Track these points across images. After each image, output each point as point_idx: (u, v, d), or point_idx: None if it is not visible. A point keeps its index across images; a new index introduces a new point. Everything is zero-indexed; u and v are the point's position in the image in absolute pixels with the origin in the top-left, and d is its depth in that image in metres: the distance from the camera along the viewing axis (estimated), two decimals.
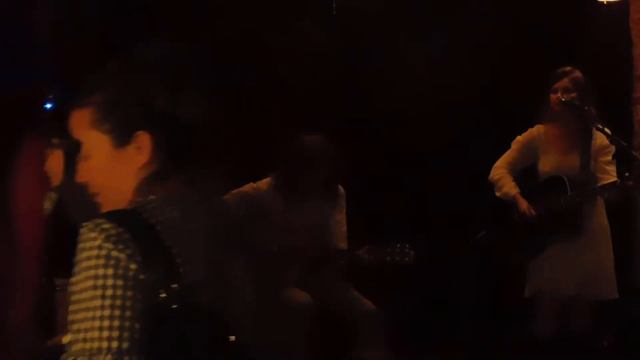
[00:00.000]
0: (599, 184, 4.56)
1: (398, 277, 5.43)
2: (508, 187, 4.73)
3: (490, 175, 4.83)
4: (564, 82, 4.62)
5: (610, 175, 4.57)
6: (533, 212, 4.63)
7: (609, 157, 4.58)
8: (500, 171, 4.80)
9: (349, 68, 6.03)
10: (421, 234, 5.09)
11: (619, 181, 4.45)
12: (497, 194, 4.77)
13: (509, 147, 4.90)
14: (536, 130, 4.81)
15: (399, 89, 5.84)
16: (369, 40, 6.01)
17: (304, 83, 5.90)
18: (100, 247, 1.70)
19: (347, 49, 6.01)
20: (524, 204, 4.66)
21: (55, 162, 1.82)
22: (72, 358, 1.68)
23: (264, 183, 4.85)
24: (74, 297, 1.70)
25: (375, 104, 5.98)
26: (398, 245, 4.63)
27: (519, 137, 4.86)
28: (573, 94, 4.60)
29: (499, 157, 4.90)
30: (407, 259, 4.61)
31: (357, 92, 6.02)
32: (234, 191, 4.79)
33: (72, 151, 1.80)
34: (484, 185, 4.88)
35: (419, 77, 5.80)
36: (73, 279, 1.70)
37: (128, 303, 1.68)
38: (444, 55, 5.86)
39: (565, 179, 4.60)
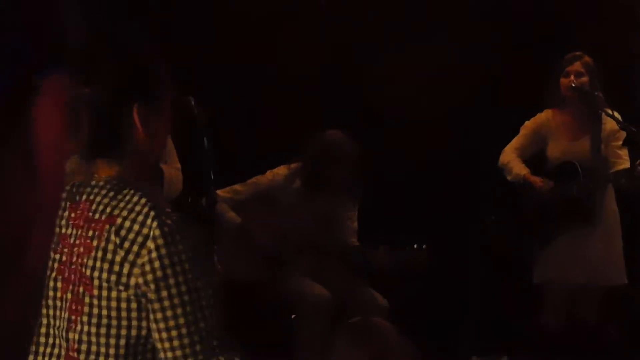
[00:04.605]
0: (612, 169, 4.56)
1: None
2: (518, 168, 4.70)
3: (500, 160, 4.81)
4: (576, 66, 4.62)
5: (623, 159, 4.57)
6: (551, 184, 4.58)
7: (620, 142, 4.58)
8: (509, 156, 4.77)
9: (350, 68, 6.00)
10: (427, 225, 5.07)
11: (634, 168, 4.44)
12: (508, 177, 4.75)
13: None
14: (545, 115, 4.79)
15: (400, 87, 5.81)
16: (369, 40, 5.99)
17: (306, 83, 5.87)
18: None
19: (348, 49, 5.98)
20: (537, 180, 4.62)
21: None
22: None
23: (281, 174, 4.81)
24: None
25: (375, 102, 5.95)
26: (415, 246, 4.59)
27: (527, 122, 4.84)
28: (584, 78, 4.59)
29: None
30: (422, 261, 4.57)
31: (357, 91, 5.99)
32: (249, 181, 4.81)
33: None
34: (493, 174, 4.86)
35: (421, 76, 5.77)
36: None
37: None
38: (445, 52, 5.83)
39: (577, 165, 4.57)
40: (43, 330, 1.75)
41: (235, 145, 5.52)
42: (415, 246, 4.55)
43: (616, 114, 4.52)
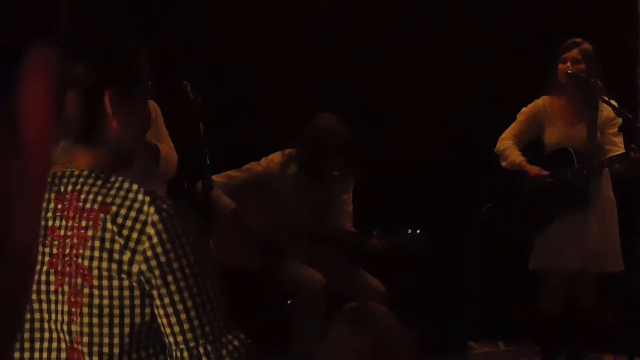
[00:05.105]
0: (607, 156, 4.55)
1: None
2: (514, 155, 4.71)
3: (497, 146, 4.82)
4: (573, 52, 4.62)
5: (618, 147, 4.57)
6: (545, 173, 4.59)
7: (616, 129, 4.60)
8: (506, 142, 4.79)
9: (350, 68, 6.00)
10: (425, 213, 5.07)
11: (627, 153, 4.45)
12: (503, 163, 4.76)
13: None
14: (542, 101, 4.81)
15: (400, 86, 5.81)
16: (369, 40, 5.99)
17: (307, 80, 5.88)
18: None
19: (348, 49, 5.99)
20: (532, 169, 4.63)
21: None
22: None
23: (275, 161, 4.82)
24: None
25: (376, 99, 5.95)
26: (409, 231, 4.59)
27: (524, 109, 4.85)
28: (582, 66, 4.60)
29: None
30: (417, 245, 4.58)
31: (357, 91, 5.99)
32: (244, 167, 4.81)
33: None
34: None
35: (421, 76, 5.77)
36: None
37: None
38: (445, 52, 5.84)
39: (572, 151, 4.59)
40: (37, 325, 1.71)
41: (235, 145, 5.52)
42: (410, 231, 4.56)
43: (612, 102, 4.52)
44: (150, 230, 1.65)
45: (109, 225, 1.66)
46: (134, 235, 1.65)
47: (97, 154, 1.74)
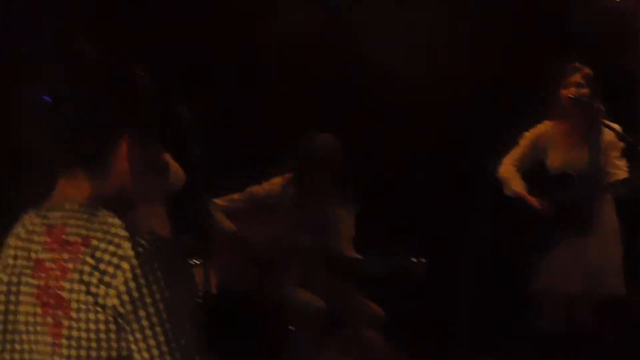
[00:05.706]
0: (611, 180, 4.57)
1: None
2: (515, 184, 4.74)
3: (498, 172, 4.84)
4: (576, 77, 4.64)
5: (621, 170, 4.59)
6: (545, 204, 4.61)
7: (619, 153, 4.60)
8: (508, 168, 4.81)
9: (349, 68, 6.00)
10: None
11: (630, 177, 4.47)
12: (505, 191, 4.77)
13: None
14: (544, 127, 4.83)
15: (401, 84, 5.81)
16: (369, 40, 5.98)
17: (304, 81, 5.87)
18: None
19: (348, 48, 5.98)
20: (533, 201, 4.64)
21: None
22: None
23: (277, 183, 4.89)
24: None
25: (376, 99, 5.95)
26: (411, 259, 4.57)
27: (526, 133, 4.87)
28: (585, 90, 4.60)
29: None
30: (418, 272, 4.55)
31: (357, 91, 5.99)
32: (246, 190, 4.86)
33: None
34: (491, 181, 4.87)
35: (420, 74, 5.77)
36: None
37: None
38: (445, 52, 5.83)
39: (574, 175, 4.61)
40: (27, 356, 1.76)
41: (235, 145, 5.53)
42: (411, 259, 4.52)
43: (615, 125, 4.54)
44: (125, 265, 1.67)
45: (87, 258, 1.69)
46: (110, 269, 1.67)
47: (97, 187, 1.76)
